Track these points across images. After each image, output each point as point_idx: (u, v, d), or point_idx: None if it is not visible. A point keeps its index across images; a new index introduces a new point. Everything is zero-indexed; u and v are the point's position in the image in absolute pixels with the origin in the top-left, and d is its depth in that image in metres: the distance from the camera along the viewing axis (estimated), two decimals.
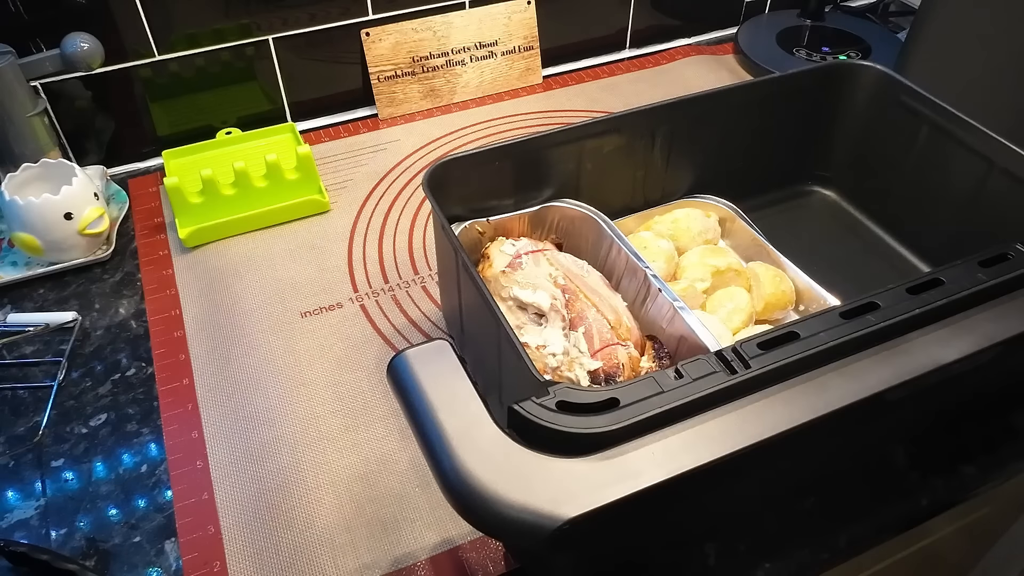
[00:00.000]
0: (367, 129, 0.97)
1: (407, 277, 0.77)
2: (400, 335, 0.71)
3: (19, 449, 0.62)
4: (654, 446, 0.38)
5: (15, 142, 0.80)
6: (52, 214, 0.72)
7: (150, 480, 0.60)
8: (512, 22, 1.01)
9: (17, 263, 0.76)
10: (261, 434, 0.62)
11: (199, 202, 0.78)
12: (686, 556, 0.54)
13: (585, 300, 0.59)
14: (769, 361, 0.42)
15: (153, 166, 0.92)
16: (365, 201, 0.86)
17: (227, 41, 0.89)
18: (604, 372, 0.55)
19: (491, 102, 1.02)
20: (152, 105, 0.90)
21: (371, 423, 0.63)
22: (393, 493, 0.58)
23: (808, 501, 0.56)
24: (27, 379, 0.67)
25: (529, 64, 1.04)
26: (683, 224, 0.70)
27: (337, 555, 0.55)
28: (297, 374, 0.67)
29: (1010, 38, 0.76)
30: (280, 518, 0.57)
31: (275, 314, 0.73)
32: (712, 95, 0.70)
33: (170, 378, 0.67)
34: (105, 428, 0.63)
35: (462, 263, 0.54)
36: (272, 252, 0.79)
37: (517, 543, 0.50)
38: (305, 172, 0.81)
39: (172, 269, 0.77)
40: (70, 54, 0.76)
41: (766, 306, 0.64)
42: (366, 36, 0.94)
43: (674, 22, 1.13)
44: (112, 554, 0.55)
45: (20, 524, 0.57)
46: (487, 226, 0.66)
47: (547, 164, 0.65)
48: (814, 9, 1.12)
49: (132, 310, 0.73)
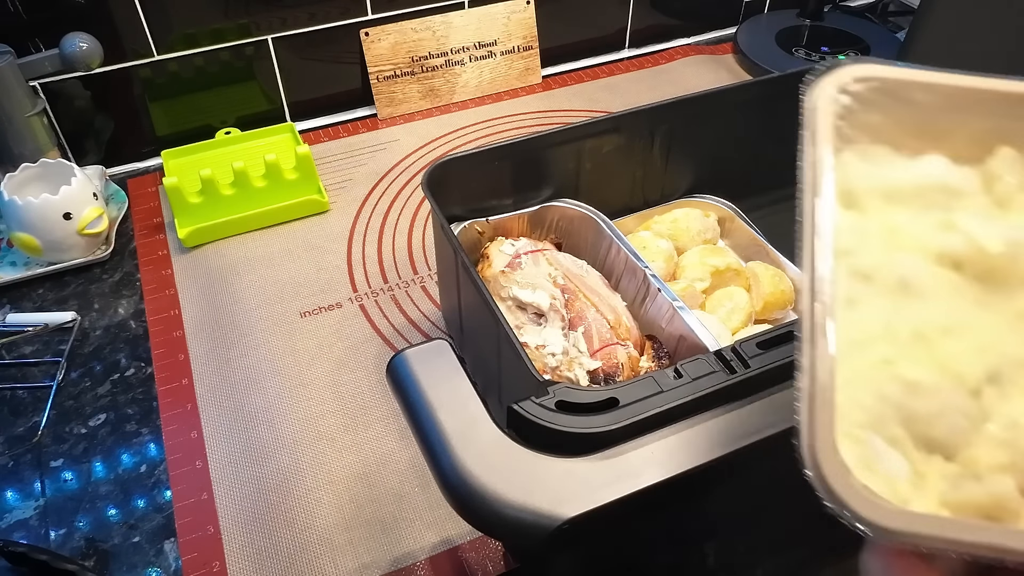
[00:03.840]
0: (366, 129, 0.97)
1: (406, 277, 0.77)
2: (399, 335, 0.71)
3: (18, 449, 0.62)
4: (653, 446, 0.38)
5: (14, 142, 0.80)
6: (51, 214, 0.72)
7: (149, 480, 0.60)
8: (511, 22, 1.01)
9: (16, 263, 0.76)
10: (260, 434, 0.62)
11: (198, 202, 0.78)
12: (685, 556, 0.54)
13: (584, 300, 0.59)
14: (768, 361, 0.42)
15: (152, 166, 0.92)
16: (364, 201, 0.86)
17: (226, 41, 0.88)
18: (603, 372, 0.55)
19: (490, 102, 1.01)
20: (151, 105, 0.90)
21: (370, 423, 0.63)
22: (392, 493, 0.58)
23: (808, 500, 0.56)
24: (26, 379, 0.67)
25: (528, 64, 1.04)
26: (682, 224, 0.70)
27: (336, 555, 0.55)
28: (296, 374, 0.67)
29: (1009, 38, 0.76)
30: (279, 518, 0.57)
31: (274, 314, 0.73)
32: (711, 95, 0.70)
33: (169, 378, 0.67)
34: (104, 428, 0.63)
35: (462, 263, 0.54)
36: (271, 252, 0.79)
37: (516, 543, 0.50)
38: (304, 172, 0.81)
39: (171, 269, 0.77)
40: (69, 54, 0.76)
41: (765, 306, 0.64)
42: (365, 36, 0.94)
43: (673, 22, 1.13)
44: (111, 554, 0.55)
45: (19, 524, 0.57)
46: (486, 226, 0.66)
47: (546, 164, 0.65)
48: (813, 9, 1.12)
49: (131, 310, 0.73)
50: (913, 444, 0.26)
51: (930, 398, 0.27)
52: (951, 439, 0.26)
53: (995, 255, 0.29)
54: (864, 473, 0.24)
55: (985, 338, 0.28)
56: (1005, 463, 0.26)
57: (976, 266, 0.29)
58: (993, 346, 0.28)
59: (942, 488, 0.26)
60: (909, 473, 0.25)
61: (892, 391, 0.27)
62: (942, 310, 0.29)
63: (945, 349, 0.28)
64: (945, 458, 0.26)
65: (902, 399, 0.27)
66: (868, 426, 0.26)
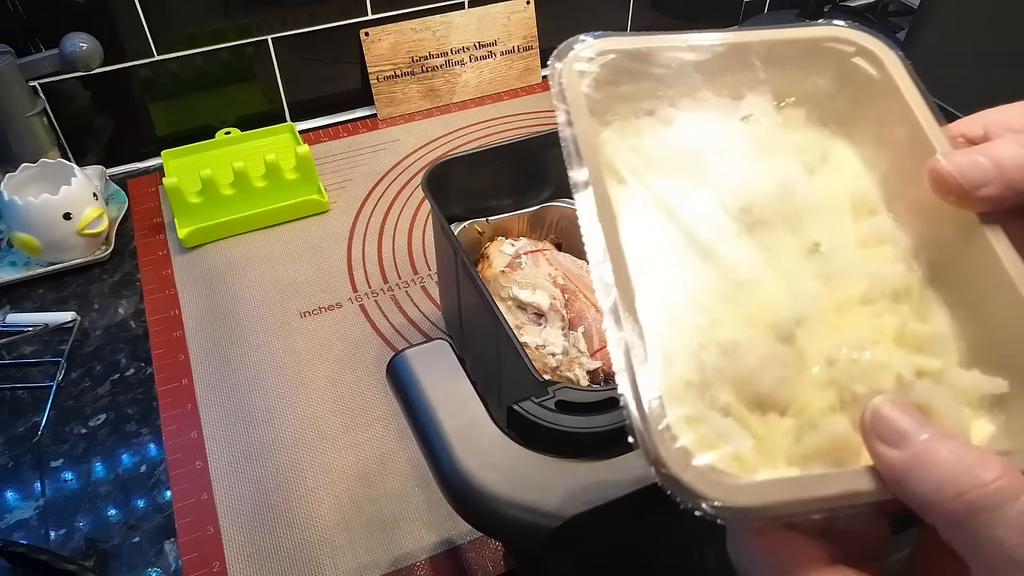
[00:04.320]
0: (366, 129, 0.97)
1: (406, 277, 0.77)
2: (399, 335, 0.71)
3: (18, 449, 0.62)
4: None
5: (14, 142, 0.80)
6: (51, 214, 0.72)
7: (149, 480, 0.60)
8: (511, 22, 1.01)
9: (16, 263, 0.76)
10: (260, 434, 0.62)
11: (198, 202, 0.78)
12: (685, 555, 0.54)
13: (584, 300, 0.59)
14: None
15: (152, 166, 0.92)
16: (364, 201, 0.86)
17: (226, 41, 0.88)
18: (604, 372, 0.55)
19: (490, 102, 1.01)
20: (151, 105, 0.90)
21: (370, 423, 0.63)
22: (392, 493, 0.58)
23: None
24: (26, 379, 0.67)
25: (528, 64, 1.04)
26: None
27: (336, 555, 0.55)
28: (296, 374, 0.67)
29: (1009, 38, 0.76)
30: (279, 518, 0.57)
31: (274, 314, 0.73)
32: None
33: (169, 378, 0.67)
34: (104, 428, 0.63)
35: (461, 263, 0.54)
36: (271, 252, 0.79)
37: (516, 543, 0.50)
38: (304, 172, 0.81)
39: (171, 269, 0.77)
40: (69, 54, 0.76)
41: None
42: (365, 36, 0.94)
43: (673, 22, 1.13)
44: (111, 554, 0.55)
45: (19, 524, 0.57)
46: (486, 226, 0.66)
47: (546, 164, 0.65)
48: (813, 9, 1.12)
49: (131, 310, 0.73)
50: (747, 408, 0.25)
51: (748, 355, 0.26)
52: (779, 392, 0.25)
53: (771, 198, 0.30)
54: (706, 452, 0.23)
55: (780, 282, 0.28)
56: (834, 402, 0.25)
57: (754, 214, 0.29)
58: (790, 288, 0.28)
59: (785, 445, 0.25)
60: (750, 439, 0.24)
61: (711, 358, 0.25)
62: (735, 265, 0.28)
63: (748, 302, 0.27)
64: (780, 414, 0.25)
65: (723, 364, 0.25)
66: (698, 402, 0.25)
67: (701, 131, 0.32)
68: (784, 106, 0.33)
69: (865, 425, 0.23)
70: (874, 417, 0.23)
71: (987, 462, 0.21)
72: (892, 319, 0.28)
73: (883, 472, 0.23)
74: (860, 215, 0.30)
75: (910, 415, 0.23)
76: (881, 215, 0.30)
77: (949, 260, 0.28)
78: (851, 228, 0.30)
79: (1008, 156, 0.26)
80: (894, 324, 0.27)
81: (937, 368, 0.26)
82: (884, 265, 0.29)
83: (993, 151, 0.26)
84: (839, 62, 0.33)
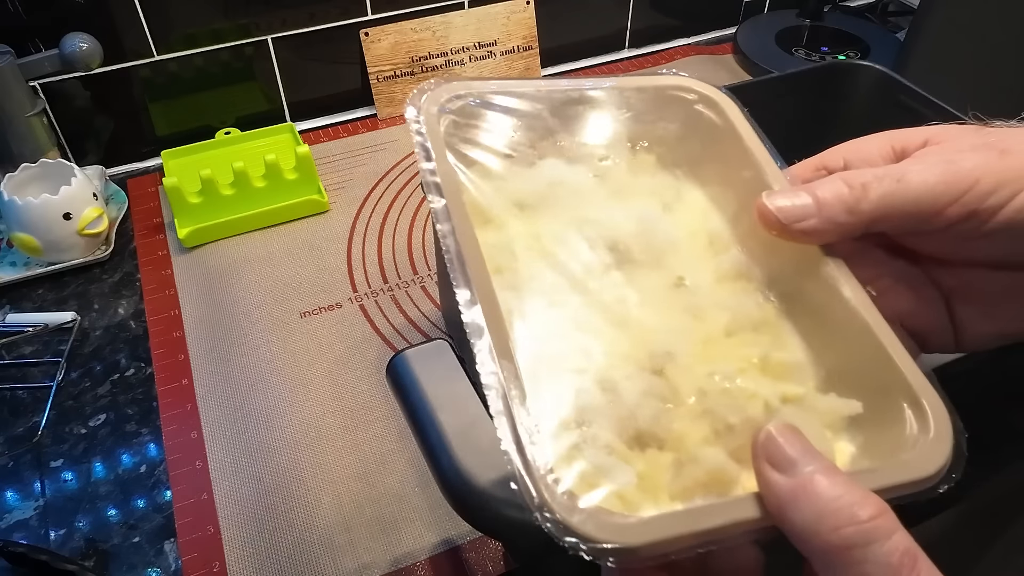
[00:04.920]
0: (366, 129, 0.97)
1: (406, 277, 0.77)
2: (399, 335, 0.71)
3: (18, 449, 0.62)
4: None
5: (14, 142, 0.80)
6: (51, 214, 0.72)
7: (149, 480, 0.60)
8: (511, 22, 1.01)
9: (16, 263, 0.76)
10: (260, 434, 0.62)
11: (198, 202, 0.78)
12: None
13: None
14: None
15: (152, 166, 0.92)
16: (364, 201, 0.86)
17: (226, 41, 0.88)
18: None
19: None
20: (151, 105, 0.90)
21: (370, 423, 0.63)
22: (392, 493, 0.58)
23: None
24: (26, 379, 0.67)
25: (528, 64, 1.04)
26: None
27: (336, 555, 0.55)
28: (296, 374, 0.67)
29: (1009, 37, 0.76)
30: (279, 518, 0.57)
31: (274, 314, 0.73)
32: None
33: (169, 378, 0.67)
34: (104, 428, 0.63)
35: None
36: (271, 252, 0.79)
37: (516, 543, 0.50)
38: (304, 172, 0.81)
39: (171, 269, 0.77)
40: (69, 54, 0.76)
41: None
42: (365, 36, 0.94)
43: (673, 22, 1.13)
44: (111, 554, 0.55)
45: (19, 524, 0.57)
46: None
47: None
48: (813, 9, 1.12)
49: (131, 310, 0.73)
50: (627, 445, 0.25)
51: (626, 391, 0.26)
52: (657, 427, 0.26)
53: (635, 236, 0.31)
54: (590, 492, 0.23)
55: (652, 317, 0.29)
56: (709, 434, 0.26)
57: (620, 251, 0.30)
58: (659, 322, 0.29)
59: (667, 481, 0.25)
60: (634, 476, 0.24)
61: (591, 397, 0.25)
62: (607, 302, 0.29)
63: (622, 339, 0.28)
64: (659, 448, 0.26)
65: (602, 402, 0.25)
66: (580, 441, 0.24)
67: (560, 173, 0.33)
68: (639, 149, 0.34)
69: (756, 447, 0.24)
70: (767, 440, 0.23)
71: (866, 500, 0.21)
72: (755, 349, 0.29)
73: (767, 498, 0.23)
74: (717, 250, 0.32)
75: (801, 443, 0.23)
76: (735, 250, 0.31)
77: (799, 291, 0.30)
78: (711, 263, 0.31)
79: (827, 192, 0.28)
80: (757, 353, 0.28)
81: (800, 394, 0.27)
82: (742, 298, 0.30)
83: (815, 187, 0.28)
84: (686, 109, 0.34)
